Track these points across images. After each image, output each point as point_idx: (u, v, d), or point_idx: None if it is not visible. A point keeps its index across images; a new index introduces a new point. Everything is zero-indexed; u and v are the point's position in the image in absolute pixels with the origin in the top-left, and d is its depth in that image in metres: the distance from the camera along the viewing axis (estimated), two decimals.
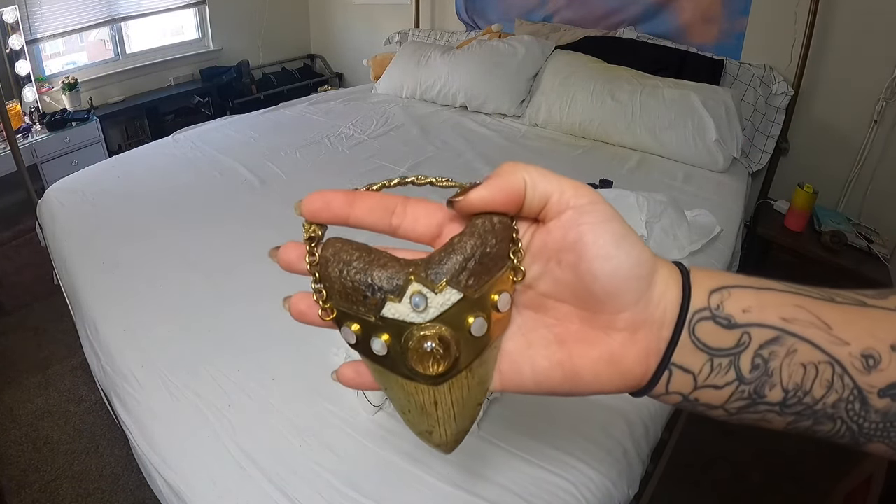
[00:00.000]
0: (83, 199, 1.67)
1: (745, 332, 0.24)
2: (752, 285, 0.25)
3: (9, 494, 1.42)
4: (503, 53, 2.38)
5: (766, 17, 2.05)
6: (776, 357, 0.24)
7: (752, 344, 0.24)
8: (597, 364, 0.25)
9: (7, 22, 2.49)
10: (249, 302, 1.20)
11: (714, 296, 0.24)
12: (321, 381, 1.00)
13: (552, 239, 0.24)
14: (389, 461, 0.86)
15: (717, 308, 0.24)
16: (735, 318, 0.24)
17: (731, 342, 0.24)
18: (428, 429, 0.26)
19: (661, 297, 0.24)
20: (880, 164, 1.92)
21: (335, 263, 0.24)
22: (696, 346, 0.24)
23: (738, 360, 0.24)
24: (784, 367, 0.24)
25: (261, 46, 3.67)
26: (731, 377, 0.24)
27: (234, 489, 0.82)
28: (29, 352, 1.90)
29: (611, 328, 0.25)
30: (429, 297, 0.23)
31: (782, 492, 1.47)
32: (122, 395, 1.02)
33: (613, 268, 0.23)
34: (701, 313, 0.24)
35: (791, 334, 0.24)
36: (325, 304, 0.25)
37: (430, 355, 0.23)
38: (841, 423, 0.24)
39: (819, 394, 0.24)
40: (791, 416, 0.25)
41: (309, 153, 1.99)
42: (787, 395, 0.24)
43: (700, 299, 0.24)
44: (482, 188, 0.23)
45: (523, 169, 0.24)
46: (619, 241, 0.23)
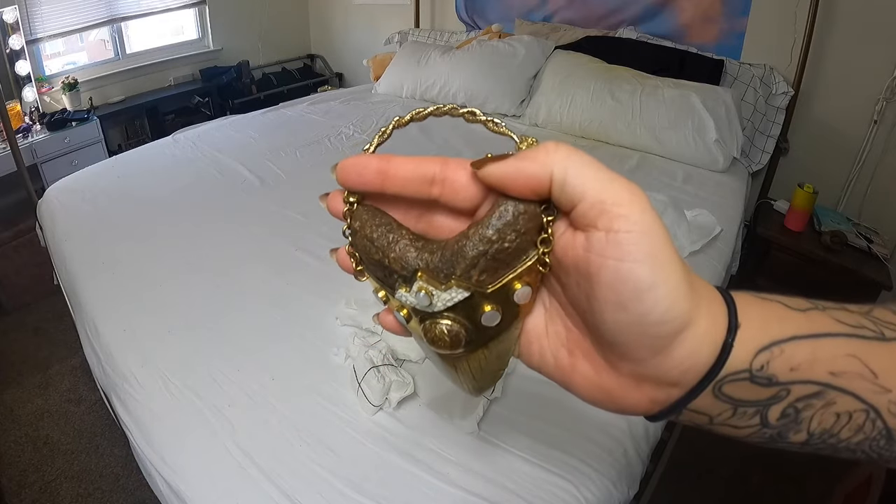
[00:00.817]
0: (83, 199, 1.67)
1: (786, 388, 0.21)
2: (810, 333, 0.21)
3: (9, 494, 1.42)
4: (503, 53, 2.39)
5: (766, 17, 2.05)
6: (811, 408, 0.22)
7: (789, 398, 0.21)
8: (596, 391, 0.23)
9: (7, 22, 2.49)
10: (249, 302, 1.21)
11: (762, 355, 0.21)
12: (321, 381, 1.00)
13: (574, 255, 0.20)
14: (389, 461, 0.86)
15: (761, 369, 0.21)
16: (778, 377, 0.21)
17: (765, 396, 0.21)
18: (453, 380, 0.28)
19: (684, 360, 0.20)
20: (880, 164, 1.92)
21: (360, 237, 0.24)
22: (720, 399, 0.21)
23: (767, 411, 0.22)
24: (815, 417, 0.22)
25: (261, 46, 3.67)
26: (754, 423, 0.22)
27: (234, 489, 0.82)
28: (29, 352, 1.90)
29: (613, 367, 0.22)
30: (434, 295, 0.22)
31: (782, 492, 1.47)
32: (122, 395, 1.02)
33: (625, 321, 0.19)
34: (736, 375, 0.21)
35: (835, 388, 0.21)
36: (357, 267, 0.25)
37: (441, 339, 0.23)
38: (861, 454, 0.23)
39: (846, 436, 0.22)
40: (809, 450, 0.24)
41: (309, 153, 1.99)
42: (812, 437, 0.23)
43: (741, 360, 0.21)
44: (504, 164, 0.20)
45: (559, 159, 0.19)
46: (641, 293, 0.19)
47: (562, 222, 0.21)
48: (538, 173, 0.20)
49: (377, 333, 1.06)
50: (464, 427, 0.90)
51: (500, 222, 0.21)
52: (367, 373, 0.94)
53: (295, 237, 1.43)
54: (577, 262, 0.20)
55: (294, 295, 1.22)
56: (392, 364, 0.97)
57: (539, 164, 0.20)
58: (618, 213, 0.19)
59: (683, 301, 0.19)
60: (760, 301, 0.22)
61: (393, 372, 0.95)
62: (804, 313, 0.22)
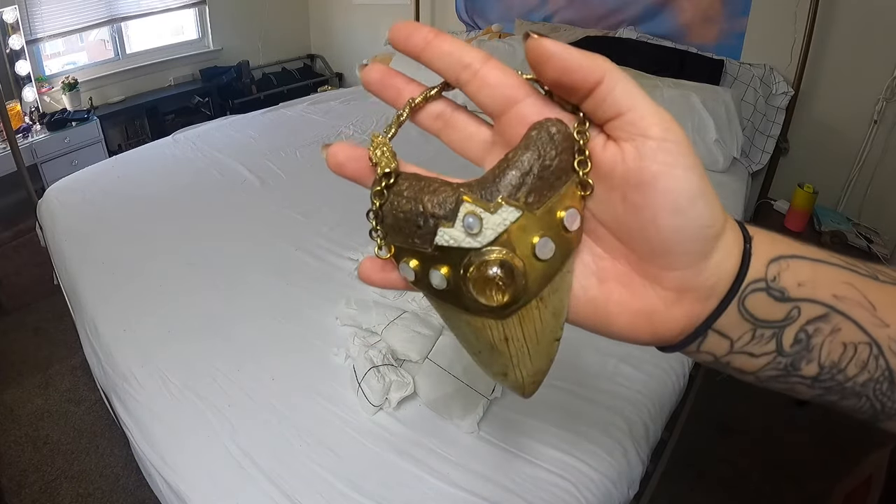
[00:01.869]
0: (83, 199, 1.67)
1: (796, 306, 0.23)
2: (809, 256, 0.24)
3: (9, 494, 1.42)
4: (503, 53, 2.38)
5: (766, 17, 2.05)
6: (820, 334, 0.23)
7: (801, 319, 0.23)
8: (634, 316, 0.23)
9: (7, 22, 2.49)
10: (249, 302, 1.21)
11: (772, 266, 0.23)
12: (321, 381, 1.00)
13: (624, 168, 0.21)
14: (389, 461, 0.86)
15: (774, 280, 0.23)
16: (789, 291, 0.23)
17: (781, 315, 0.23)
18: (501, 370, 0.24)
19: (719, 265, 0.22)
20: (880, 164, 1.92)
21: (391, 194, 0.22)
22: (743, 316, 0.23)
23: (782, 334, 0.23)
24: (825, 345, 0.23)
25: (261, 46, 3.67)
26: (770, 348, 0.23)
27: (234, 489, 0.82)
28: (29, 352, 1.90)
29: (657, 282, 0.22)
30: (483, 218, 0.20)
31: (782, 492, 1.47)
32: (122, 395, 1.02)
33: (681, 225, 0.21)
34: (755, 284, 0.23)
35: (839, 312, 0.23)
36: (383, 241, 0.23)
37: (493, 283, 0.21)
38: (865, 401, 0.24)
39: (852, 373, 0.24)
40: (820, 391, 0.24)
41: (309, 153, 1.98)
42: (822, 370, 0.24)
43: (758, 269, 0.23)
44: (561, 46, 0.20)
45: (611, 67, 0.21)
46: (695, 197, 0.20)
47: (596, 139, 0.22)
48: (594, 69, 0.20)
49: (377, 333, 1.06)
50: (464, 427, 0.90)
51: (540, 141, 0.21)
52: (367, 373, 0.94)
53: (295, 237, 1.43)
54: (628, 174, 0.21)
55: (294, 295, 1.22)
56: (392, 364, 0.98)
57: (595, 63, 0.20)
58: (665, 125, 0.20)
59: (720, 208, 0.22)
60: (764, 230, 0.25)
61: (393, 372, 0.95)
62: (803, 244, 0.24)
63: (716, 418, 1.65)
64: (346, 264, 1.31)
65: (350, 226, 1.47)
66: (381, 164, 0.22)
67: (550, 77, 0.21)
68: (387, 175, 0.22)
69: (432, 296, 0.23)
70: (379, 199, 0.22)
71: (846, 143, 1.98)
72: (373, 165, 0.23)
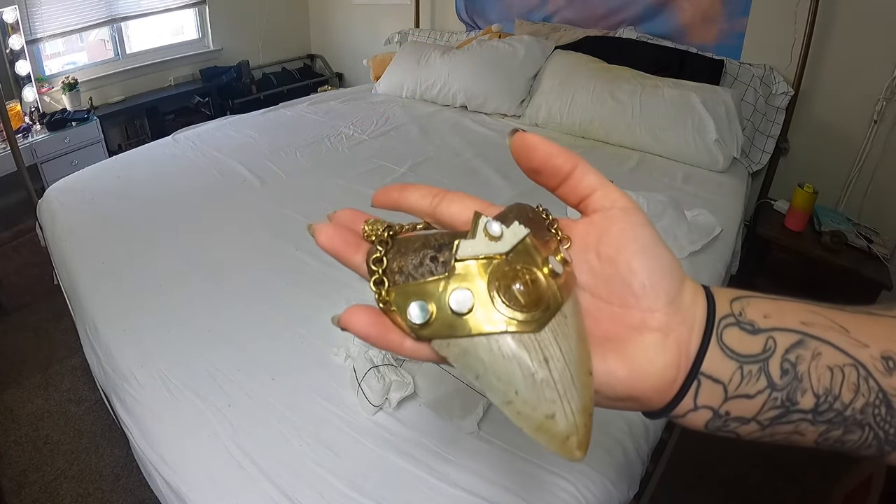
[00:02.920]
0: (83, 199, 1.67)
1: (770, 336, 0.24)
2: (766, 296, 0.26)
3: (9, 494, 1.42)
4: (503, 53, 2.38)
5: (766, 17, 2.05)
6: (803, 361, 0.24)
7: (778, 349, 0.24)
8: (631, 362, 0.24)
9: (7, 22, 2.49)
10: (249, 302, 1.21)
11: (735, 303, 0.25)
12: (321, 381, 1.00)
13: (594, 230, 0.25)
14: (389, 461, 0.86)
15: (741, 314, 0.25)
16: (758, 323, 0.25)
17: (758, 348, 0.24)
18: (549, 409, 0.21)
19: (691, 302, 0.25)
20: (880, 164, 1.92)
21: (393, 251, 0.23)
22: (725, 353, 0.24)
23: (768, 366, 0.24)
24: (812, 371, 0.24)
25: (261, 46, 3.67)
26: (762, 384, 0.24)
27: (234, 489, 0.82)
28: (29, 352, 1.90)
29: (644, 327, 0.24)
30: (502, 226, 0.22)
31: (782, 492, 1.47)
32: (122, 395, 1.02)
33: (652, 264, 0.24)
34: (726, 319, 0.25)
35: (813, 337, 0.24)
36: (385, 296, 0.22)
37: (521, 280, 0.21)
38: (869, 430, 0.24)
39: (847, 398, 0.24)
40: (823, 425, 0.24)
41: (309, 153, 1.99)
42: (819, 400, 0.24)
43: (724, 306, 0.25)
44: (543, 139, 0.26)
45: (580, 157, 0.26)
46: (657, 241, 0.25)
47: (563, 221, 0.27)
48: (569, 156, 0.26)
49: None
50: (464, 427, 0.90)
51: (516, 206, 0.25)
52: (367, 373, 0.94)
53: (295, 237, 1.43)
54: (600, 234, 0.25)
55: (294, 295, 1.22)
56: (392, 364, 0.98)
57: (570, 153, 0.26)
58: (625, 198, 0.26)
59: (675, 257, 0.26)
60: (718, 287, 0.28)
61: (393, 372, 0.96)
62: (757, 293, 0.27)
63: None
64: None
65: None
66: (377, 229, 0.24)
67: (535, 164, 0.26)
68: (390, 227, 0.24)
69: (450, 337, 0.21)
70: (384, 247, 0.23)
71: (846, 143, 1.98)
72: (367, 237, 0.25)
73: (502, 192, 1.69)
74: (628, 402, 0.24)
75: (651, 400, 0.24)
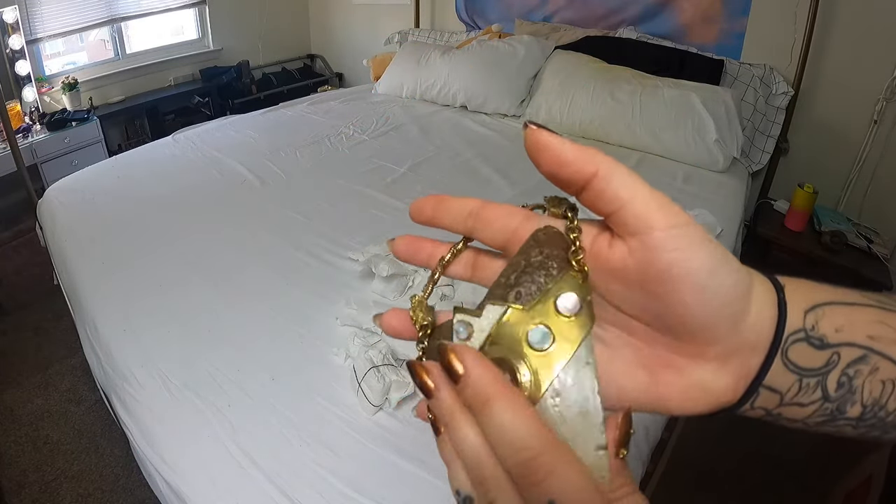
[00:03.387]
0: (83, 199, 1.67)
1: (836, 351, 0.23)
2: (842, 300, 0.24)
3: (9, 494, 1.42)
4: (503, 53, 2.39)
5: (766, 17, 2.05)
6: (860, 375, 0.24)
7: (841, 363, 0.23)
8: (686, 392, 0.24)
9: (7, 22, 2.49)
10: (249, 302, 1.21)
11: (810, 315, 0.23)
12: (321, 381, 1.00)
13: (635, 262, 0.21)
14: (389, 461, 0.86)
15: (812, 328, 0.23)
16: (828, 338, 0.23)
17: (822, 362, 0.23)
18: None
19: (756, 321, 0.22)
20: (880, 164, 1.92)
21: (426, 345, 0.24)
22: (788, 367, 0.23)
23: (826, 380, 0.24)
24: (866, 385, 0.24)
25: (261, 46, 3.67)
26: (817, 396, 0.24)
27: (234, 489, 0.82)
28: (29, 352, 1.90)
29: (700, 357, 0.23)
30: (472, 323, 0.21)
31: (782, 492, 1.47)
32: (122, 395, 1.02)
33: (709, 298, 0.21)
34: (796, 335, 0.23)
35: (876, 352, 0.24)
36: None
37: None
38: None
39: (893, 407, 0.24)
40: (864, 429, 0.25)
41: (309, 153, 1.99)
42: (865, 410, 0.24)
43: (796, 320, 0.23)
44: (557, 139, 0.21)
45: (604, 158, 0.21)
46: (713, 270, 0.20)
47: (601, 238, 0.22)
48: (585, 160, 0.20)
49: (377, 333, 1.06)
50: None
51: (526, 245, 0.22)
52: (367, 373, 0.94)
53: (295, 237, 1.43)
54: (640, 267, 0.21)
55: (294, 295, 1.22)
56: (392, 364, 0.98)
57: (587, 154, 0.21)
58: (667, 213, 0.20)
59: (741, 270, 0.22)
60: (793, 279, 0.25)
61: (393, 372, 0.95)
62: (834, 288, 0.25)
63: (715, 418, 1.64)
64: (346, 264, 1.31)
65: (350, 226, 1.47)
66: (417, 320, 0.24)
67: (546, 169, 0.21)
68: (424, 327, 0.24)
69: None
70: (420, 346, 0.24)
71: (846, 143, 1.98)
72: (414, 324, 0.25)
73: (502, 192, 1.69)
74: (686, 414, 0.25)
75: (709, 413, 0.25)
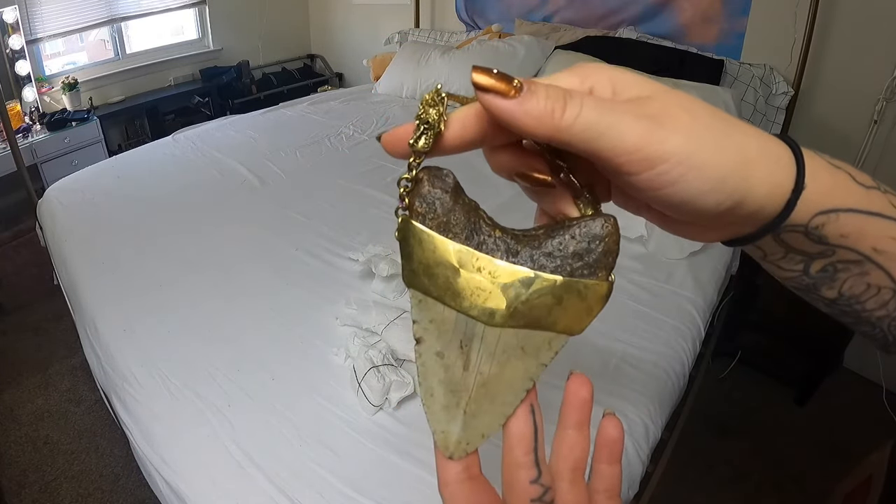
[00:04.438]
0: (83, 199, 1.67)
1: (832, 248, 0.24)
2: (866, 210, 0.23)
3: (9, 494, 1.42)
4: (503, 53, 2.39)
5: (766, 17, 2.05)
6: (847, 272, 0.25)
7: (833, 258, 0.24)
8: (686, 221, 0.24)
9: (7, 22, 2.49)
10: (249, 301, 1.21)
11: (818, 218, 0.23)
12: (321, 381, 1.00)
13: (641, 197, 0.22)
14: (389, 461, 0.86)
15: (816, 229, 0.23)
16: (829, 238, 0.23)
17: (815, 251, 0.24)
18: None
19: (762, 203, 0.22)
20: (880, 164, 1.92)
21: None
22: (778, 242, 0.24)
23: (812, 262, 0.25)
24: (849, 280, 0.25)
25: (261, 46, 3.67)
26: (798, 269, 0.25)
27: (234, 489, 0.82)
28: (29, 352, 1.90)
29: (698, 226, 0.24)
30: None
31: (782, 492, 1.47)
32: (122, 395, 1.02)
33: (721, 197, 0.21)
34: (795, 228, 0.23)
35: (873, 262, 0.24)
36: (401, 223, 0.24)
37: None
38: (879, 331, 0.26)
39: (870, 307, 0.25)
40: (836, 312, 0.26)
41: (309, 153, 1.99)
42: (841, 297, 0.25)
43: (801, 217, 0.23)
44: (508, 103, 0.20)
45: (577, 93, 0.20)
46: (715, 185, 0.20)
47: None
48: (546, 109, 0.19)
49: (377, 333, 1.06)
50: None
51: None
52: (367, 373, 0.94)
53: (295, 237, 1.43)
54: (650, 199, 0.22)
55: (294, 295, 1.22)
56: (392, 364, 0.98)
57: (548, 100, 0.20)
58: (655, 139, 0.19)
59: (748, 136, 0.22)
60: (831, 169, 0.24)
61: (393, 372, 0.95)
62: (867, 191, 0.24)
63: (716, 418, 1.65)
64: (346, 264, 1.31)
65: (350, 226, 1.47)
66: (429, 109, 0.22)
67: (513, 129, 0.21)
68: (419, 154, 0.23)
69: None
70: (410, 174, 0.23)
71: (846, 143, 1.98)
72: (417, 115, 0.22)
73: (503, 192, 1.69)
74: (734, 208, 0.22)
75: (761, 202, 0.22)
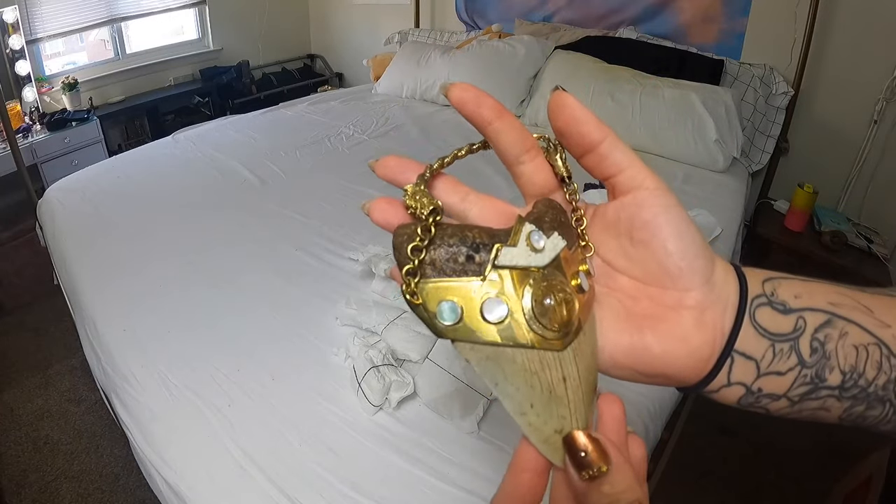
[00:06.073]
0: (83, 199, 1.67)
1: (800, 316, 0.25)
2: (796, 277, 0.27)
3: (9, 494, 1.42)
4: (503, 53, 2.39)
5: (766, 17, 2.05)
6: (831, 339, 0.25)
7: (808, 328, 0.25)
8: (667, 340, 0.25)
9: (7, 22, 2.49)
10: (249, 302, 1.21)
11: (767, 284, 0.26)
12: (321, 381, 1.00)
13: (626, 214, 0.25)
14: (389, 461, 0.86)
15: (772, 294, 0.26)
16: (789, 303, 0.25)
17: (789, 327, 0.25)
18: (558, 426, 0.21)
19: (724, 281, 0.26)
20: (880, 163, 1.92)
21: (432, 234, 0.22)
22: (758, 331, 0.25)
23: (798, 345, 0.25)
24: (839, 349, 0.25)
25: (261, 46, 3.67)
26: (793, 362, 0.25)
27: (234, 489, 0.82)
28: (29, 352, 1.90)
29: (680, 306, 0.25)
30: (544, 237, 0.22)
31: (782, 492, 1.47)
32: (122, 395, 1.02)
33: (686, 245, 0.25)
34: (759, 299, 0.25)
35: (840, 317, 0.25)
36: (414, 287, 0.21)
37: (555, 298, 0.21)
38: (889, 406, 0.26)
39: (871, 375, 0.25)
40: (848, 401, 0.26)
41: (309, 153, 1.99)
42: (845, 377, 0.25)
43: (756, 287, 0.26)
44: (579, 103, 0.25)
45: (611, 130, 0.25)
46: (688, 223, 0.25)
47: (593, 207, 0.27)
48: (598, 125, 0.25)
49: (377, 333, 1.06)
50: (464, 427, 0.90)
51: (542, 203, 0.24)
52: (367, 373, 0.94)
53: (295, 237, 1.43)
54: (631, 218, 0.25)
55: (294, 295, 1.22)
56: (392, 364, 0.98)
57: (601, 123, 0.25)
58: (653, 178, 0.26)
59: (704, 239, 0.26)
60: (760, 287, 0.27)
61: (393, 372, 0.96)
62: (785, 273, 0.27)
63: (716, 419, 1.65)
64: (346, 264, 1.31)
65: (350, 226, 1.47)
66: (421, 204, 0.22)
67: (560, 123, 0.25)
68: (435, 211, 0.22)
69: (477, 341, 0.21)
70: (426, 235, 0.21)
71: (846, 143, 1.98)
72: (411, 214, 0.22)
73: (503, 192, 1.69)
74: (661, 378, 0.25)
75: (685, 377, 0.25)
